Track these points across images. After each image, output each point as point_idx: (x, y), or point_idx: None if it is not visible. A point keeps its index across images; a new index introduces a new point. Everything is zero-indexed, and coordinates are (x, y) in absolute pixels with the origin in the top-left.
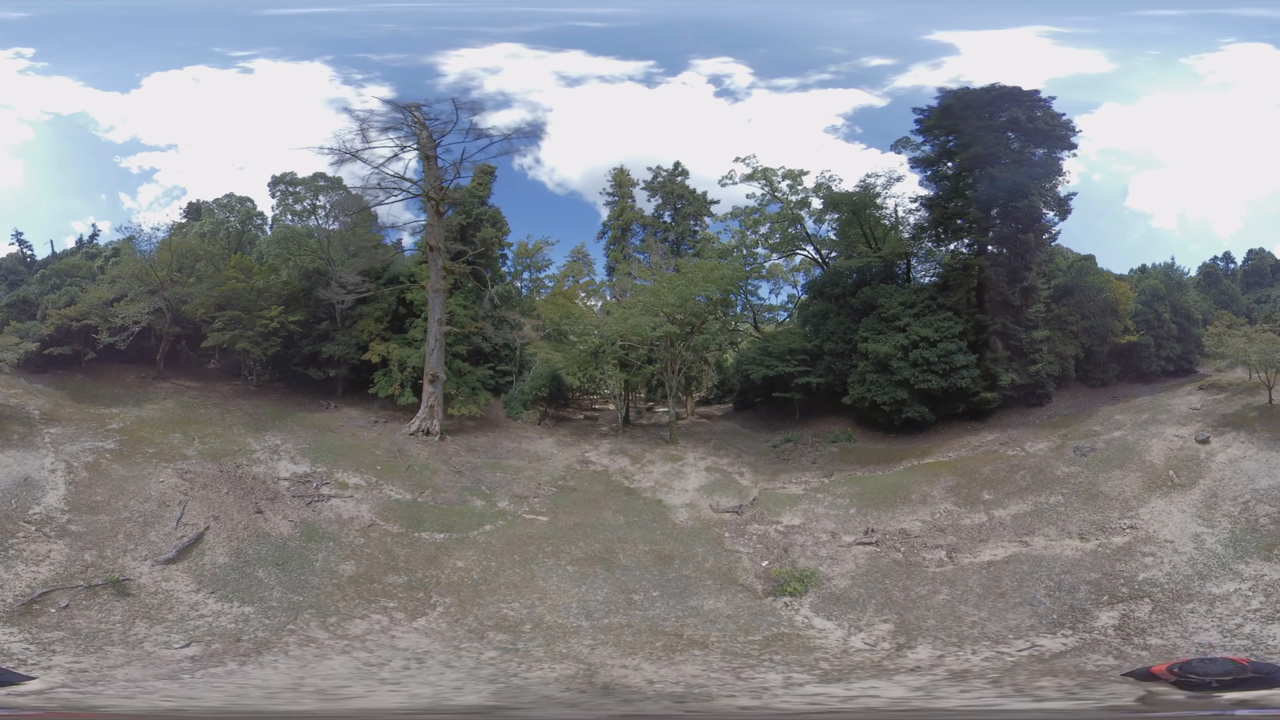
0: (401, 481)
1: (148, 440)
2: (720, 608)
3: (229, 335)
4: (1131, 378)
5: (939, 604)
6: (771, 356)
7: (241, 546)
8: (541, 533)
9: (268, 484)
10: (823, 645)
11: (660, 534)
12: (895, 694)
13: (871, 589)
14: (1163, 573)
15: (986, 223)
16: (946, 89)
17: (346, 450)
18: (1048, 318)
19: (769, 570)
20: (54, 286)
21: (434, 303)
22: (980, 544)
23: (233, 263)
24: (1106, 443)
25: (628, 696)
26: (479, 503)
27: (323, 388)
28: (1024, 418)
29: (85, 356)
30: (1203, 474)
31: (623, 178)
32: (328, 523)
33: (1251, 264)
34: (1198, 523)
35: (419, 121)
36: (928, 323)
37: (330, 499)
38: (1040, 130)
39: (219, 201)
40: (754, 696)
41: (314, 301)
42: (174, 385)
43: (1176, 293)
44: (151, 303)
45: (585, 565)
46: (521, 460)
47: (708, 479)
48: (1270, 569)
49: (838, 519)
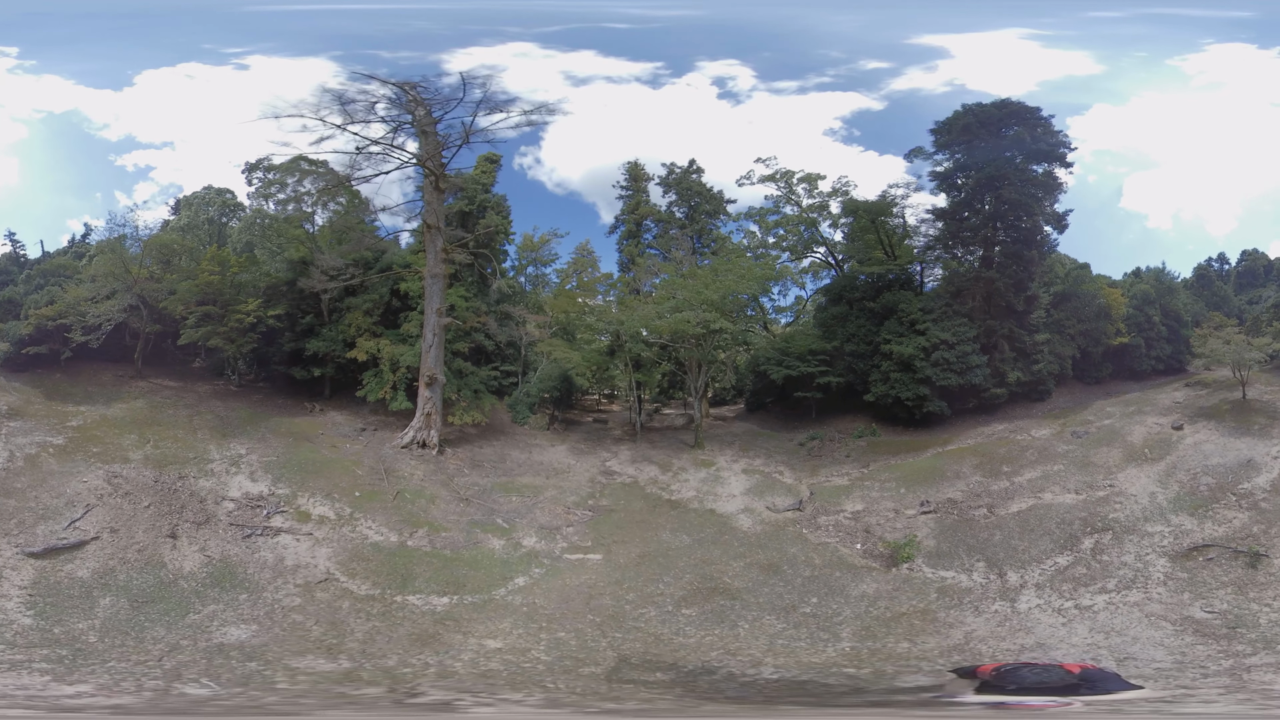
0: (385, 514)
1: (98, 439)
2: (873, 588)
3: (202, 332)
4: (1124, 376)
5: (998, 543)
6: (791, 357)
7: (114, 568)
8: (603, 577)
9: (206, 503)
10: (964, 587)
11: (739, 545)
12: (1033, 601)
13: (954, 543)
14: (1123, 515)
15: (994, 238)
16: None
17: (320, 467)
18: (1048, 322)
19: (873, 549)
20: (38, 286)
21: (431, 290)
22: (1009, 501)
23: (209, 255)
24: (1098, 429)
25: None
26: (497, 542)
27: (309, 389)
28: (1028, 411)
29: (62, 355)
30: (1170, 452)
31: (638, 172)
32: (258, 567)
33: (1245, 265)
34: (1156, 485)
35: (416, 99)
36: (945, 327)
37: (279, 534)
38: (1041, 150)
39: (197, 194)
40: (1002, 625)
41: (298, 294)
42: (151, 384)
43: (1167, 296)
44: (123, 300)
45: (700, 604)
46: (537, 476)
47: (750, 482)
48: (1188, 520)
49: (894, 499)
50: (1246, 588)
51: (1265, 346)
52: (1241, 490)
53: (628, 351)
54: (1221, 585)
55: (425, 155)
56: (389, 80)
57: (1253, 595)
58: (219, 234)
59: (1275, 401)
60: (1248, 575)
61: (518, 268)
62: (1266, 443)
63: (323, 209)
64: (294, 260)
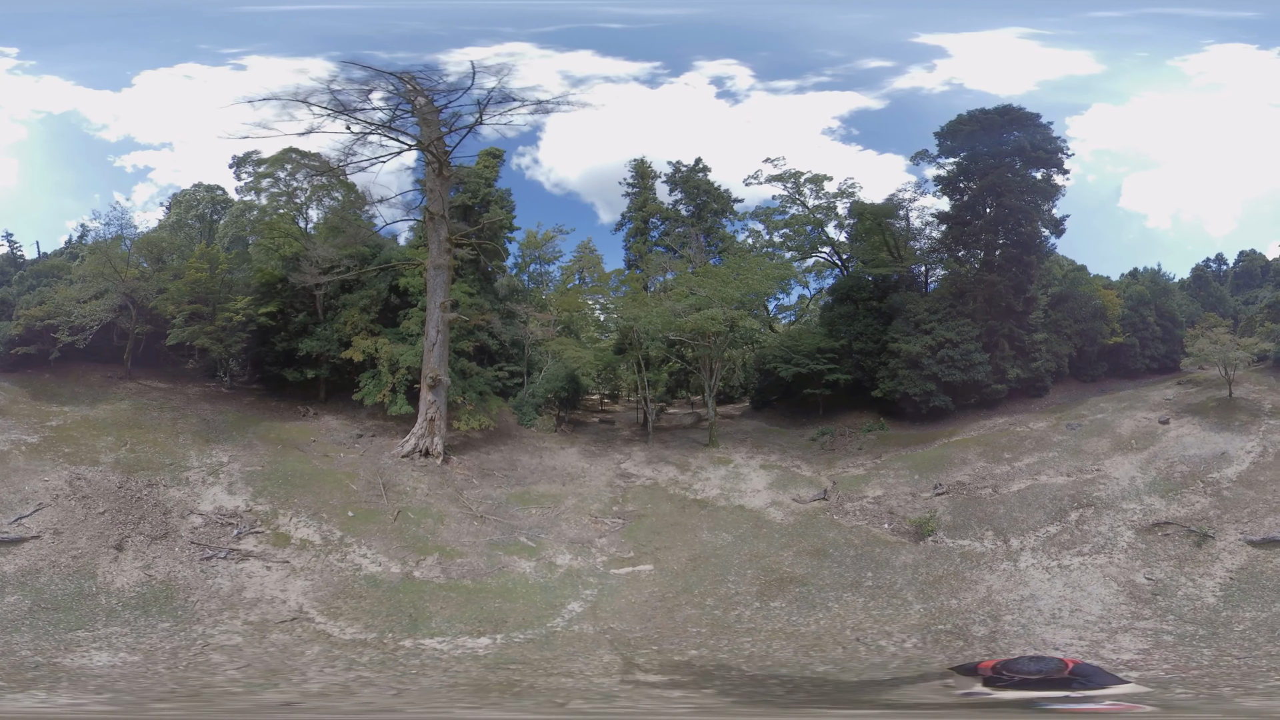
0: (385, 539)
1: (73, 440)
2: (910, 559)
3: (188, 331)
4: (1120, 374)
5: (1002, 516)
6: (800, 354)
7: (41, 569)
8: (666, 587)
9: (170, 515)
10: (979, 552)
11: (780, 536)
12: (1029, 561)
13: (966, 517)
14: (1105, 494)
15: (994, 242)
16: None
17: (309, 480)
18: (1046, 322)
19: (899, 527)
20: (30, 287)
21: (435, 283)
22: (1009, 482)
23: (197, 253)
24: (1090, 422)
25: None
26: (525, 564)
27: (303, 392)
28: (1026, 406)
29: (50, 355)
30: (1153, 443)
31: (644, 169)
32: (206, 595)
33: (1242, 265)
34: (1136, 470)
35: (416, 89)
36: (950, 327)
37: (246, 558)
38: (1040, 158)
39: (186, 192)
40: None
41: (291, 291)
42: (140, 386)
43: (1162, 297)
44: (111, 300)
45: (780, 595)
46: (552, 483)
47: (771, 477)
48: (1158, 500)
49: (909, 484)
50: (1185, 563)
51: (1251, 346)
52: (1210, 479)
53: (644, 349)
54: (1168, 558)
55: (426, 140)
56: (386, 70)
57: (1186, 570)
58: (209, 231)
59: (1260, 400)
60: (1191, 552)
61: (520, 265)
62: (1243, 438)
63: (317, 204)
64: (286, 256)
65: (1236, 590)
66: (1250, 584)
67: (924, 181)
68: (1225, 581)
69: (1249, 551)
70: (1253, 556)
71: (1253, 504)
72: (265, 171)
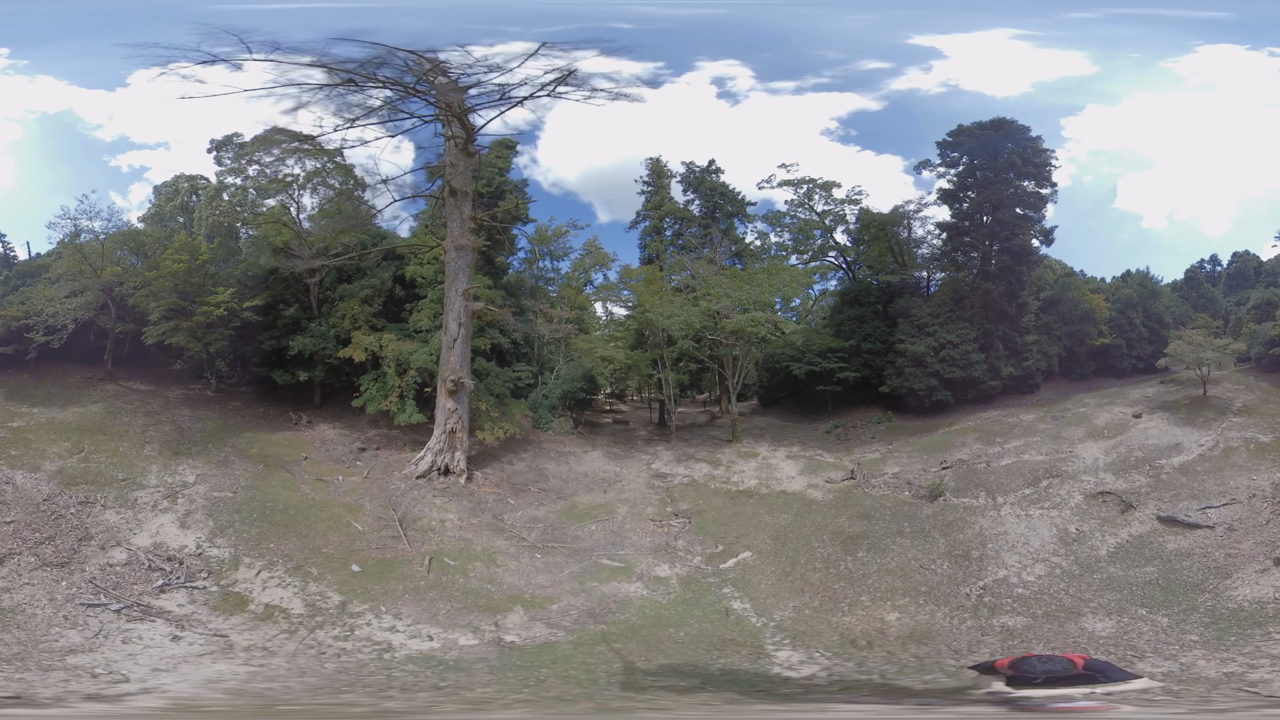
0: (420, 597)
1: (26, 443)
2: (930, 512)
3: (164, 328)
4: (1107, 373)
5: (994, 481)
6: (812, 353)
7: None
8: (782, 569)
9: (89, 543)
10: (975, 506)
11: (829, 510)
12: (1008, 512)
13: (966, 483)
14: (1071, 469)
15: (991, 252)
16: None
17: (296, 516)
18: (1037, 325)
19: (918, 493)
20: (15, 287)
21: (456, 266)
22: (1000, 459)
23: (176, 244)
24: (1073, 414)
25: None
26: (631, 586)
27: (297, 396)
28: (1018, 401)
29: (27, 355)
30: (1122, 433)
31: (660, 168)
32: (27, 647)
33: (1236, 266)
34: (1102, 453)
35: (437, 68)
36: (950, 329)
37: (153, 619)
38: (1030, 172)
39: (167, 183)
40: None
41: (281, 283)
42: (119, 387)
43: (1150, 299)
44: (88, 298)
45: (866, 550)
46: (592, 491)
47: (799, 465)
48: (1109, 476)
49: (920, 462)
50: (1106, 524)
51: (1225, 347)
52: (1157, 464)
53: (677, 347)
54: (1096, 518)
55: (448, 100)
56: (403, 49)
57: (1104, 529)
58: (191, 222)
59: (1232, 399)
60: (1114, 516)
61: (529, 260)
62: (1201, 433)
63: (311, 192)
64: (279, 246)
65: (1122, 550)
66: (1136, 548)
67: (929, 190)
68: (1122, 541)
69: (1153, 525)
70: (1153, 529)
71: (1180, 488)
72: (246, 150)
